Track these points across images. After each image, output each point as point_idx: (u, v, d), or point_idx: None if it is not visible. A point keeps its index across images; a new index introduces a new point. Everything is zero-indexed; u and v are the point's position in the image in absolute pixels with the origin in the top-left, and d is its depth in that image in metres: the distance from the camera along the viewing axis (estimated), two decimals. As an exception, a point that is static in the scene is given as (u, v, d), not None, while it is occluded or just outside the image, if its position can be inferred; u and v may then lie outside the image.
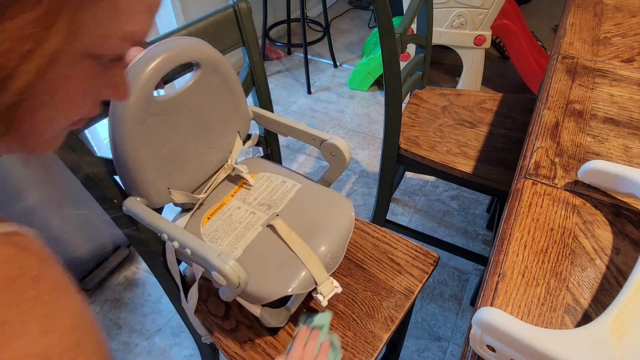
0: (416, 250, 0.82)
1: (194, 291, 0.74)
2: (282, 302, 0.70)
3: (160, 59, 0.59)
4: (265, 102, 0.86)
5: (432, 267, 0.80)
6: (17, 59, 0.22)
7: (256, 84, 0.82)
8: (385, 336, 0.70)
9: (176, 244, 0.61)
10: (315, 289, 0.66)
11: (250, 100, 0.84)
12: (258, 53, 0.80)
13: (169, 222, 0.64)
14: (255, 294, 0.64)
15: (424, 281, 0.78)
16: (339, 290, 0.68)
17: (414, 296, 0.76)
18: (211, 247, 0.59)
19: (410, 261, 0.81)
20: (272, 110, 0.85)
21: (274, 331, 0.72)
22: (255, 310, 0.69)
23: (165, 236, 0.63)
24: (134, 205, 0.65)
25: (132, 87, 0.57)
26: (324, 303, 0.67)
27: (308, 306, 0.75)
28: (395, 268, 0.80)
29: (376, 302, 0.75)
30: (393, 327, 0.72)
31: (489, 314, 0.38)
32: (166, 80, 0.65)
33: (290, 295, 0.71)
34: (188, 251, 0.60)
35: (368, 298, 0.76)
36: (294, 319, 0.73)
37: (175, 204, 0.73)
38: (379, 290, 0.77)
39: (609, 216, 0.53)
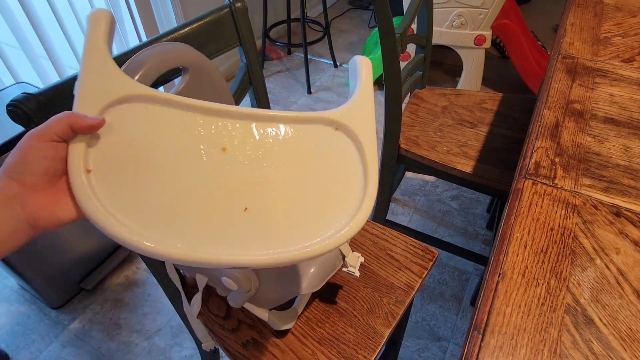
0: (415, 247, 0.82)
1: (197, 299, 0.73)
2: (288, 304, 0.70)
3: (143, 70, 0.55)
4: (262, 102, 0.85)
5: (431, 263, 0.80)
6: None
7: (253, 83, 0.82)
8: (387, 332, 0.71)
9: None
10: (344, 262, 0.67)
11: (247, 100, 0.83)
12: (255, 53, 0.80)
13: None
14: (265, 298, 0.64)
15: (423, 277, 0.78)
16: (362, 259, 0.69)
17: (414, 292, 0.76)
18: None
19: (409, 257, 0.81)
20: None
21: (281, 333, 0.72)
22: (263, 314, 0.68)
23: None
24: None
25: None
26: (357, 273, 0.68)
27: (313, 305, 0.75)
28: (395, 264, 0.80)
29: (377, 298, 0.75)
30: (394, 323, 0.72)
31: None
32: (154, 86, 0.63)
33: (296, 296, 0.71)
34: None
35: (368, 294, 0.76)
36: (300, 320, 0.73)
37: None
38: (379, 287, 0.77)
39: (609, 216, 0.53)
